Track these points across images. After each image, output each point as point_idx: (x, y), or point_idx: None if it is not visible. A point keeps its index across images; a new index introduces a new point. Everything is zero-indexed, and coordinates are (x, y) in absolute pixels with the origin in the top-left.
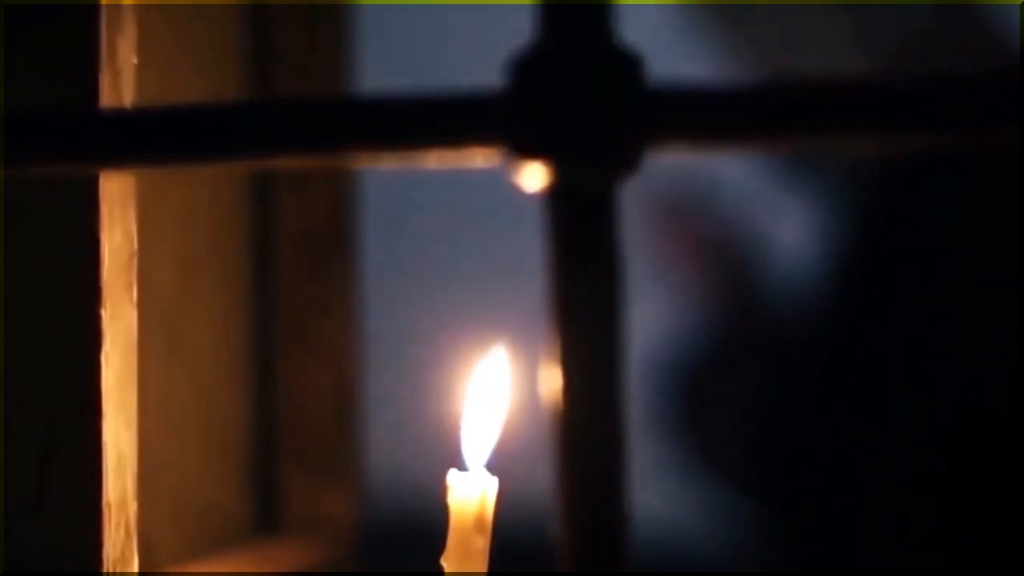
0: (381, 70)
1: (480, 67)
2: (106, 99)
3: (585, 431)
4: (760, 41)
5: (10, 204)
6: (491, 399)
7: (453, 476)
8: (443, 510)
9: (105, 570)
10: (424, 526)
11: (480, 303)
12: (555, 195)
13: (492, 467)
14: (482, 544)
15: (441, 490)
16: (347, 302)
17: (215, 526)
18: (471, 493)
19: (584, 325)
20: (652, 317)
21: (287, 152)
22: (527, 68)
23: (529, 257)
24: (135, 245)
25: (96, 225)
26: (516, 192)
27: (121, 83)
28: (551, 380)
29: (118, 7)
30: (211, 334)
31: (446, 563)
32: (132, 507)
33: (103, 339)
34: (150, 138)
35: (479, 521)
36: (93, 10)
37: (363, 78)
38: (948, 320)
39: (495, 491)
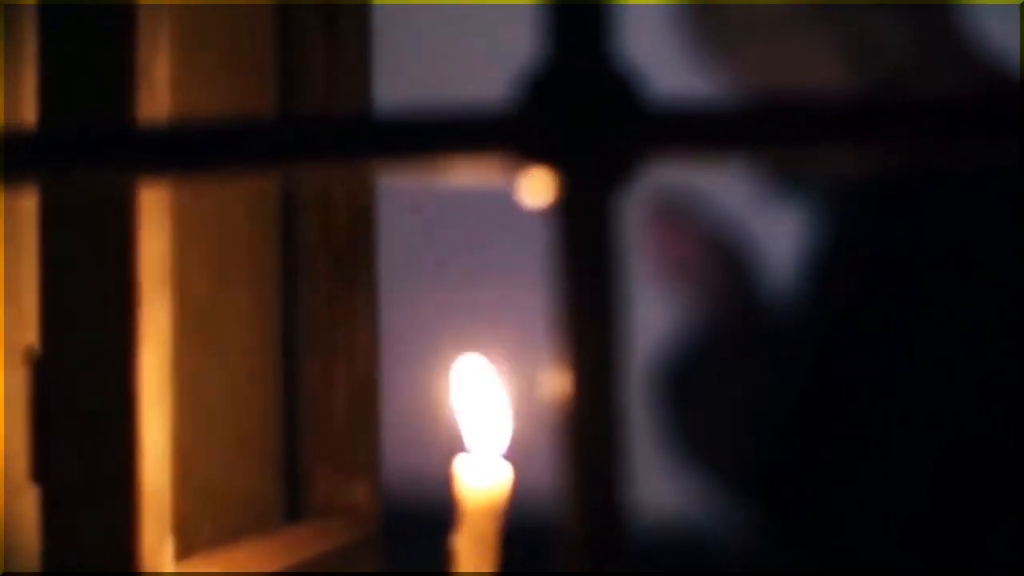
0: (394, 76)
1: (487, 76)
2: (143, 112)
3: (589, 431)
4: (754, 59)
5: (55, 211)
6: (481, 398)
7: (462, 463)
8: (453, 495)
9: (141, 554)
10: (438, 511)
11: (484, 306)
12: (559, 204)
13: (506, 457)
14: (494, 528)
15: (451, 477)
16: (366, 306)
17: (245, 513)
18: (484, 480)
19: (587, 327)
20: (651, 318)
21: (310, 164)
22: (534, 84)
23: (532, 263)
24: (169, 251)
25: (134, 232)
26: (521, 206)
27: (156, 98)
28: (556, 382)
29: (154, 27)
30: (242, 335)
31: (459, 543)
32: (167, 495)
33: (140, 338)
34: (182, 152)
35: (491, 506)
36: (129, 30)
37: (377, 85)
38: (941, 320)
39: (508, 478)
